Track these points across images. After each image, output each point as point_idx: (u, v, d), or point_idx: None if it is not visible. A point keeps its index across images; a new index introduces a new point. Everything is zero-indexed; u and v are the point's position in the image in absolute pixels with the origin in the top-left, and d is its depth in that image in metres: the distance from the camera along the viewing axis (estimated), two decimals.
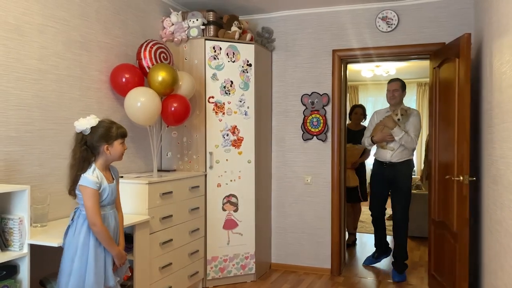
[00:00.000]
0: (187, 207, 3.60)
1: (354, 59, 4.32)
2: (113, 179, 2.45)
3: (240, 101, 4.00)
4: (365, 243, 5.64)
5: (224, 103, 3.94)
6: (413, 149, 4.21)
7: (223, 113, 3.94)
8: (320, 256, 4.37)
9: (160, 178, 3.30)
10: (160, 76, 3.31)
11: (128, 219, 2.95)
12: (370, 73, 7.78)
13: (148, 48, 3.45)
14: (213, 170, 3.90)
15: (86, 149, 2.30)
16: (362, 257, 4.92)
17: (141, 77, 3.40)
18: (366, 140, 4.38)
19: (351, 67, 7.60)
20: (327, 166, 4.33)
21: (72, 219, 2.36)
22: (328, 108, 4.32)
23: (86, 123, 2.30)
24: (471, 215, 3.39)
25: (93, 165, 2.32)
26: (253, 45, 4.03)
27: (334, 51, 4.28)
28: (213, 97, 3.91)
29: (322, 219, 4.33)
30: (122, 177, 3.28)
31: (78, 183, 2.29)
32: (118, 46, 3.50)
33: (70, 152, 2.35)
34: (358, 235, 5.75)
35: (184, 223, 3.56)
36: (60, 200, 2.96)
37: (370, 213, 4.57)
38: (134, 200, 3.15)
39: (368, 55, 4.20)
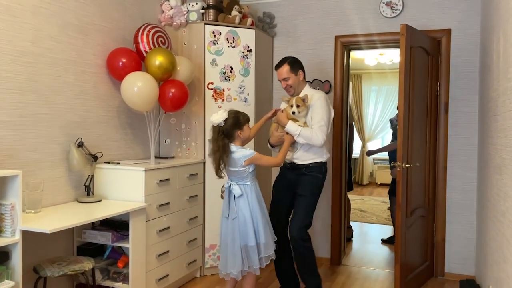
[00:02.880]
0: (185, 194, 3.55)
1: (357, 46, 4.22)
2: None
3: (240, 88, 3.92)
4: (366, 233, 5.60)
5: (223, 90, 3.87)
6: (321, 146, 3.08)
7: (223, 100, 3.87)
8: (319, 246, 4.33)
9: (157, 165, 3.24)
10: (158, 60, 3.24)
11: (124, 206, 2.91)
12: (374, 61, 7.66)
13: (145, 32, 3.37)
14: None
15: (224, 138, 2.79)
16: (363, 246, 4.87)
17: (138, 61, 3.32)
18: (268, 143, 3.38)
19: (354, 55, 7.50)
20: None
21: (241, 194, 2.84)
22: (330, 96, 4.23)
23: (220, 117, 2.77)
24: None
25: (236, 145, 2.83)
26: (254, 30, 3.94)
27: (336, 37, 4.18)
28: (212, 83, 3.83)
29: (322, 209, 4.28)
30: (118, 163, 3.24)
31: (243, 160, 2.80)
32: (116, 29, 3.42)
33: (211, 142, 2.84)
34: (359, 224, 5.71)
35: (182, 211, 3.51)
36: (55, 186, 2.91)
37: (371, 201, 4.49)
38: (130, 187, 3.10)
39: (371, 42, 4.10)
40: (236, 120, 2.83)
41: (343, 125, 4.30)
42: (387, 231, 5.67)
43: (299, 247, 3.10)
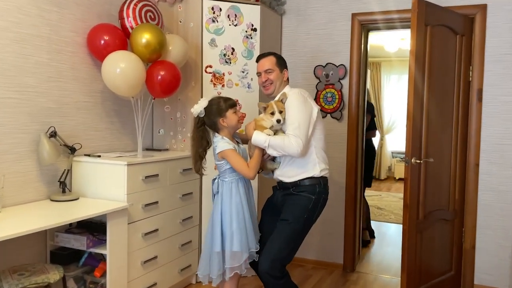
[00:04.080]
0: (177, 192, 3.13)
1: (377, 25, 3.71)
2: (238, 143, 2.59)
3: (243, 72, 3.47)
4: (384, 234, 5.12)
5: (223, 74, 3.42)
6: (299, 154, 2.38)
7: (223, 85, 3.43)
8: (331, 249, 3.89)
9: (143, 159, 2.83)
10: (144, 38, 2.81)
11: (102, 206, 2.52)
12: (395, 47, 7.09)
13: (132, 6, 2.94)
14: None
15: (203, 129, 2.51)
16: (380, 249, 4.42)
17: (123, 39, 2.90)
18: None
19: (373, 42, 6.97)
20: (342, 148, 3.79)
21: (217, 191, 2.50)
22: (345, 82, 3.76)
23: (199, 107, 2.47)
24: None
25: (219, 136, 2.48)
26: (259, 7, 3.47)
27: (353, 15, 3.69)
28: (211, 67, 3.39)
29: (335, 208, 3.82)
30: (99, 156, 2.84)
31: (217, 152, 2.46)
32: (100, 3, 3.00)
33: (191, 134, 2.58)
34: (376, 224, 5.25)
35: (174, 211, 3.10)
36: (22, 181, 2.52)
37: (389, 198, 4.02)
38: (110, 184, 2.70)
39: (393, 20, 3.59)
40: (217, 107, 2.47)
41: (360, 115, 3.82)
42: None
43: (269, 284, 2.40)
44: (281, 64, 2.61)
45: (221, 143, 2.45)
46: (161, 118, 3.53)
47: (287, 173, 2.53)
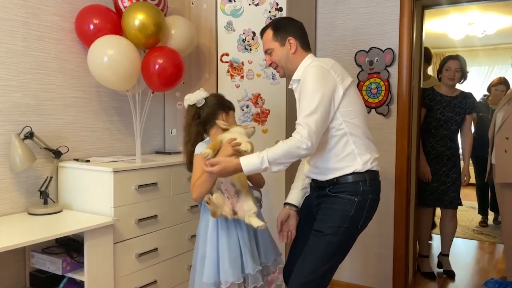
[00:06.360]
0: (184, 203, 2.64)
1: None
2: None
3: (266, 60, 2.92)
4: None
5: (242, 63, 2.89)
6: (310, 150, 1.73)
7: (242, 77, 2.90)
8: (377, 273, 3.22)
9: (135, 164, 2.36)
10: (137, 19, 2.34)
11: (81, 222, 2.07)
12: (461, 34, 6.20)
13: None
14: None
15: (200, 123, 2.09)
16: (442, 272, 3.67)
17: (117, 23, 2.45)
18: None
19: (435, 29, 6.13)
20: (390, 151, 3.11)
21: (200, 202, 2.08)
22: (393, 70, 3.07)
23: (198, 95, 2.06)
24: None
25: (207, 138, 2.11)
26: None
27: None
28: (227, 55, 2.88)
29: (382, 224, 3.16)
30: (88, 161, 2.41)
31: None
32: None
33: (183, 127, 2.14)
34: (437, 239, 4.47)
35: (179, 226, 2.61)
36: None
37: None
38: (96, 194, 2.26)
39: None
40: (221, 99, 2.12)
41: (413, 112, 3.13)
42: (476, 249, 4.36)
43: None
44: (280, 34, 1.95)
45: (200, 146, 2.02)
46: (173, 116, 3.06)
47: (319, 170, 1.92)
